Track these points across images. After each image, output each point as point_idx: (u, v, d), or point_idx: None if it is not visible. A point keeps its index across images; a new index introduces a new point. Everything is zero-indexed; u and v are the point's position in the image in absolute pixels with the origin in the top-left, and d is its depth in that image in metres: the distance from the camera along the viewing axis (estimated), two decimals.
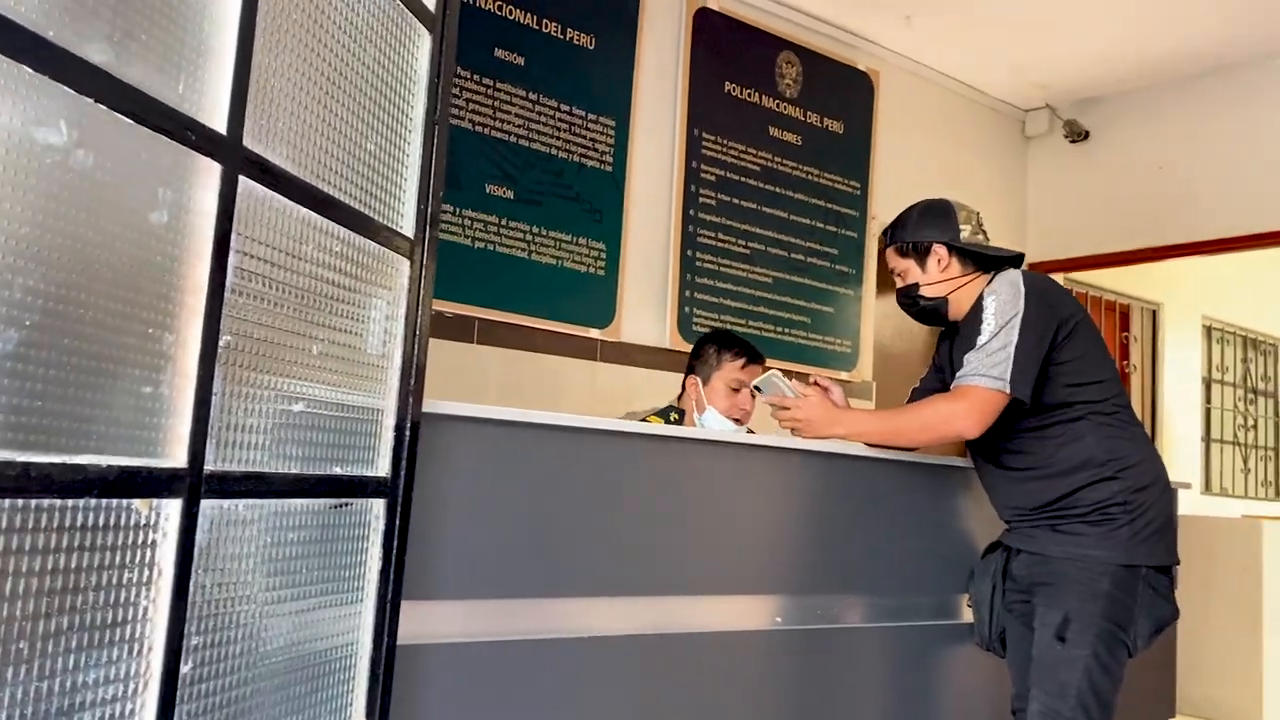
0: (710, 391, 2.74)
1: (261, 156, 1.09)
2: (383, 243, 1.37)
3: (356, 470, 1.35)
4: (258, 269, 1.10)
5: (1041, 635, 2.01)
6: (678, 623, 1.94)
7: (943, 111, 5.00)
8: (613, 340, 3.71)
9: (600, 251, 3.69)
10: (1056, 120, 5.21)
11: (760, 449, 2.09)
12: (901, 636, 2.25)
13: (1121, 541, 1.99)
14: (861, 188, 4.57)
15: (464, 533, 1.67)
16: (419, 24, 1.44)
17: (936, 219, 2.23)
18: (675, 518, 1.94)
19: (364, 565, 1.39)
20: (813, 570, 2.14)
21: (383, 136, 1.38)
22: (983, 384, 2.01)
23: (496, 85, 3.48)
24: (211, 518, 1.05)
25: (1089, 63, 4.75)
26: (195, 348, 1.00)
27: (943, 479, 2.37)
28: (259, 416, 1.13)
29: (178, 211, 0.98)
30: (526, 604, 1.76)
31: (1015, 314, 2.02)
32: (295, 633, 1.25)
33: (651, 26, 3.90)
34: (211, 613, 1.07)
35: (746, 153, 4.16)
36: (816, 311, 4.36)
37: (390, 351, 1.42)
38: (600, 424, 1.83)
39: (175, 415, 0.98)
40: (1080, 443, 2.05)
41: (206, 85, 1.01)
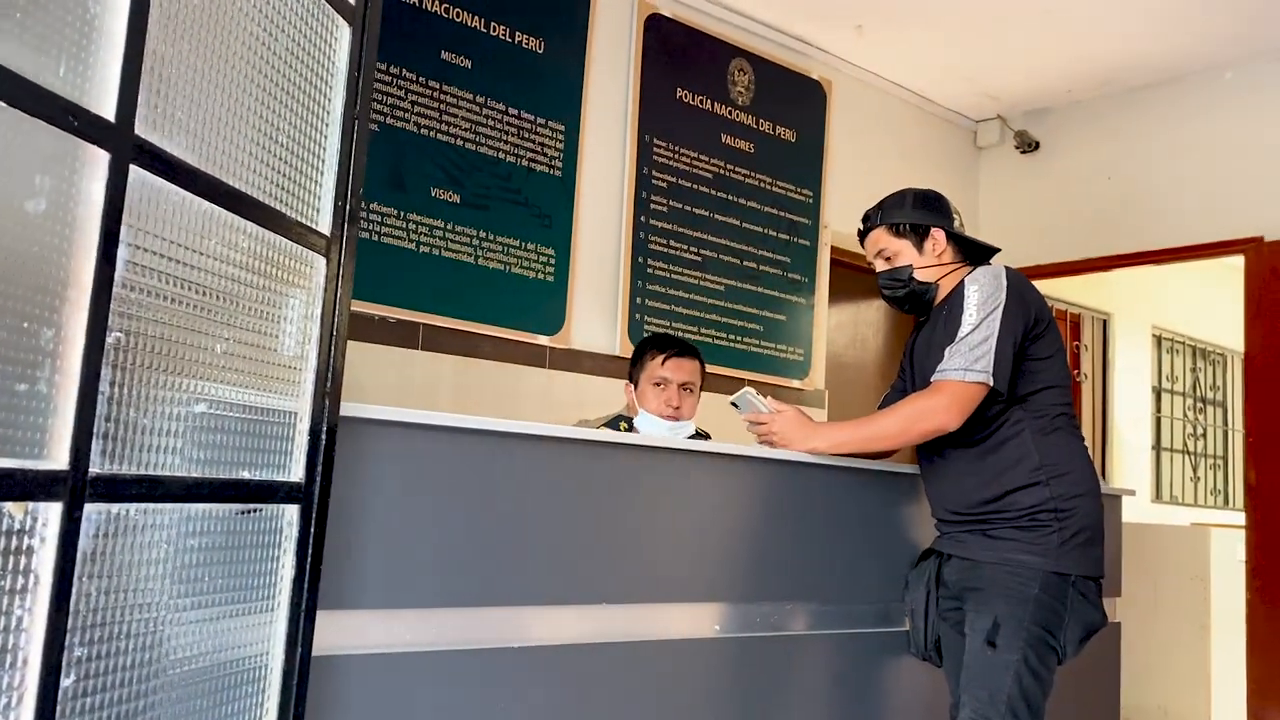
0: (641, 394, 2.73)
1: (156, 146, 1.04)
2: (296, 239, 1.32)
3: (267, 475, 1.30)
4: (153, 263, 1.06)
5: (972, 641, 2.00)
6: (613, 632, 1.90)
7: (895, 121, 5.02)
8: (562, 347, 3.67)
9: (549, 257, 3.65)
10: (1007, 131, 5.26)
11: (699, 455, 2.07)
12: (844, 644, 2.23)
13: (1051, 548, 1.99)
14: (814, 196, 4.57)
15: (388, 541, 1.62)
16: (338, 16, 1.40)
17: (934, 204, 2.26)
18: (611, 524, 1.90)
19: (276, 573, 1.34)
20: (754, 577, 2.12)
21: (298, 130, 1.33)
22: (962, 377, 2.01)
23: (443, 88, 3.44)
24: (98, 523, 0.99)
25: (1039, 74, 4.80)
26: (79, 344, 0.95)
27: (887, 485, 2.36)
28: (155, 417, 1.08)
29: (60, 200, 0.93)
30: (455, 613, 1.71)
31: (998, 305, 2.04)
32: (198, 644, 1.20)
33: (602, 31, 3.87)
34: (99, 622, 1.01)
35: (699, 160, 4.15)
36: (769, 319, 4.35)
37: (306, 352, 1.38)
38: (528, 428, 1.79)
39: (55, 415, 0.93)
40: (1020, 445, 2.06)
41: (94, 69, 0.96)
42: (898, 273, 2.24)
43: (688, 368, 2.73)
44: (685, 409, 2.70)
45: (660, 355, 2.71)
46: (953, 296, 2.14)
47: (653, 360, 2.72)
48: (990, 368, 2.00)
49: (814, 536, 2.22)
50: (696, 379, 2.75)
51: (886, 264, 2.26)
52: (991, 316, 2.02)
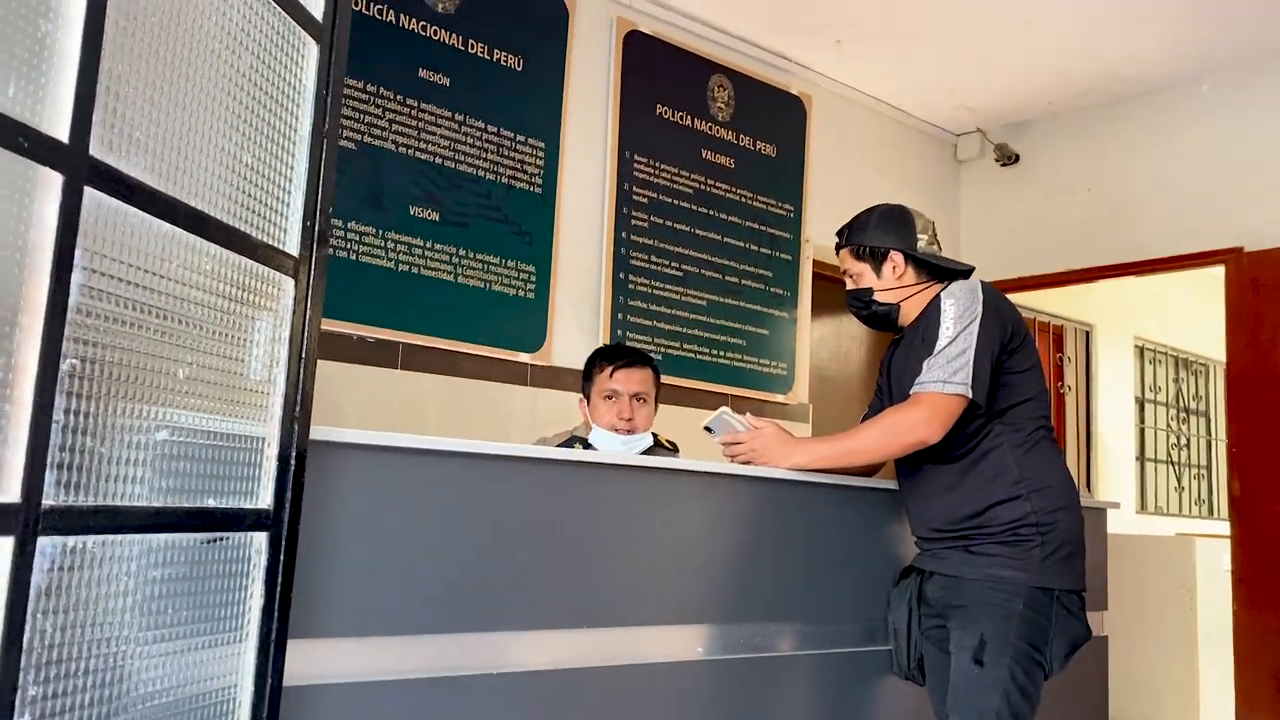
0: (593, 410, 2.65)
1: (112, 167, 1.01)
2: (262, 261, 1.30)
3: (234, 502, 1.27)
4: (110, 288, 1.03)
5: (958, 659, 1.98)
6: (594, 656, 1.87)
7: (875, 135, 5.03)
8: (544, 364, 3.64)
9: (530, 274, 3.63)
10: (987, 144, 5.27)
11: (680, 474, 2.04)
12: (828, 664, 2.20)
13: (1034, 563, 1.97)
14: (795, 211, 4.57)
15: (361, 566, 1.59)
16: (304, 34, 1.38)
17: (895, 225, 2.22)
18: (590, 546, 1.87)
19: (244, 603, 1.30)
20: (737, 598, 2.09)
21: (263, 150, 1.31)
22: (941, 389, 2.00)
23: (421, 106, 3.42)
24: (52, 556, 0.96)
25: (1018, 87, 4.81)
26: (31, 372, 0.92)
27: (868, 501, 2.34)
28: (114, 446, 1.05)
29: (10, 224, 0.90)
30: (431, 640, 1.68)
31: (974, 318, 2.03)
32: (163, 678, 1.16)
33: (581, 49, 3.86)
34: (56, 659, 0.98)
35: (679, 175, 4.14)
36: (751, 334, 4.34)
37: (274, 376, 1.35)
38: (505, 449, 1.76)
39: (5, 445, 0.90)
40: (999, 459, 2.05)
41: (45, 89, 0.93)
42: (860, 294, 2.25)
43: (638, 377, 2.63)
44: (639, 420, 2.61)
45: (609, 367, 2.62)
46: (928, 312, 2.13)
47: (601, 373, 2.63)
48: (969, 380, 1.99)
49: (796, 555, 2.19)
50: (649, 388, 2.65)
51: (852, 283, 2.26)
52: (968, 330, 2.01)
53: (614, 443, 2.55)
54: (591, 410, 2.66)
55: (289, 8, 1.33)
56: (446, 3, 3.50)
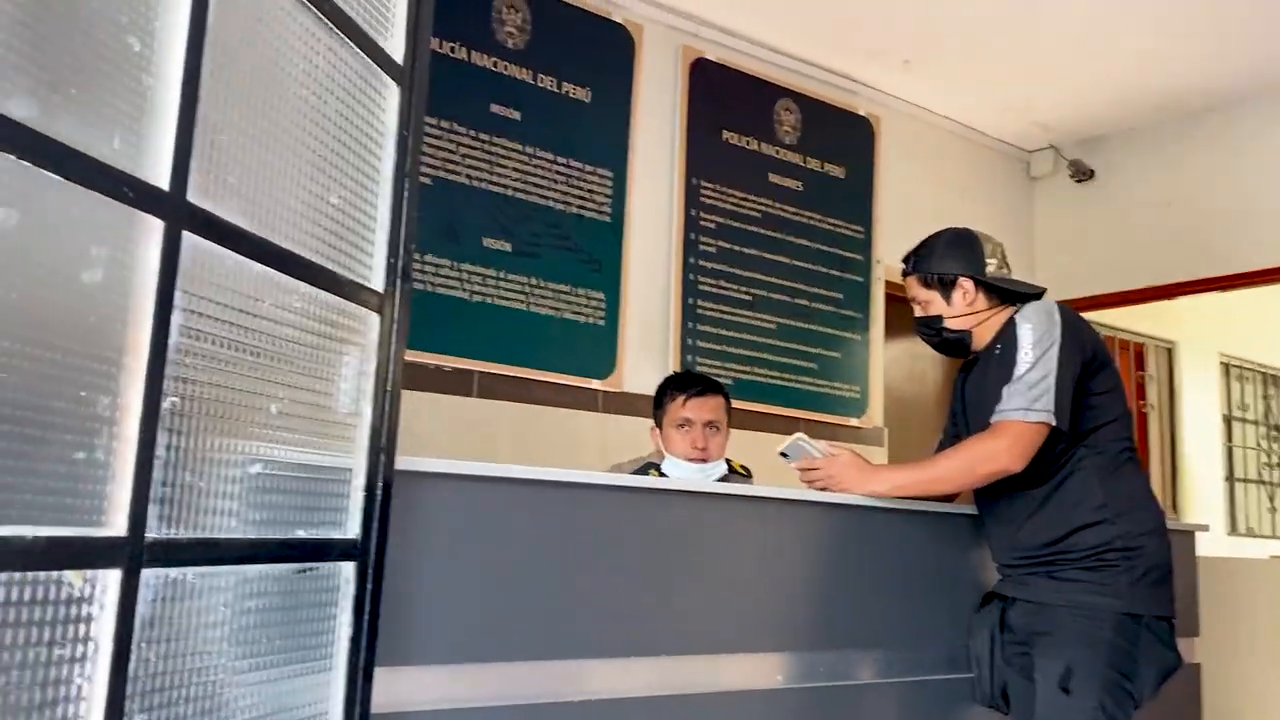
0: (666, 438, 2.64)
1: (209, 212, 1.06)
2: (349, 298, 1.33)
3: (323, 533, 1.30)
4: (208, 328, 1.07)
5: (1044, 688, 1.94)
6: (674, 684, 1.87)
7: (946, 154, 4.98)
8: (615, 390, 3.67)
9: (600, 301, 3.66)
10: (1061, 160, 5.19)
11: (758, 500, 2.03)
12: (909, 692, 2.17)
13: (1122, 589, 1.92)
14: (865, 232, 4.54)
15: (446, 595, 1.62)
16: (386, 77, 1.42)
17: (963, 250, 2.19)
18: (668, 574, 1.88)
19: (333, 632, 1.34)
20: (816, 626, 2.07)
21: (348, 190, 1.35)
22: (1023, 417, 1.96)
23: (493, 140, 3.49)
24: (156, 588, 1.00)
25: (1092, 102, 4.73)
26: (136, 410, 0.96)
27: (948, 526, 2.30)
28: (211, 480, 1.09)
29: (115, 270, 0.94)
30: (514, 667, 1.69)
31: (1053, 342, 1.98)
32: (257, 705, 1.20)
33: (648, 79, 3.90)
34: (158, 687, 1.01)
35: (746, 199, 4.15)
36: (823, 357, 4.31)
37: (361, 409, 1.38)
38: (586, 477, 1.78)
39: (113, 481, 0.94)
40: (1083, 483, 2.00)
41: (147, 140, 0.98)
42: (930, 322, 2.21)
43: (710, 405, 2.62)
44: (713, 449, 2.60)
45: (681, 396, 2.62)
46: (1004, 336, 2.09)
47: (673, 401, 2.63)
48: (1051, 406, 1.95)
49: (876, 582, 2.17)
50: (722, 416, 2.65)
51: (921, 310, 2.23)
52: (1048, 354, 1.97)
53: (688, 471, 2.55)
54: (664, 439, 2.66)
55: (371, 52, 1.37)
56: (516, 38, 3.57)
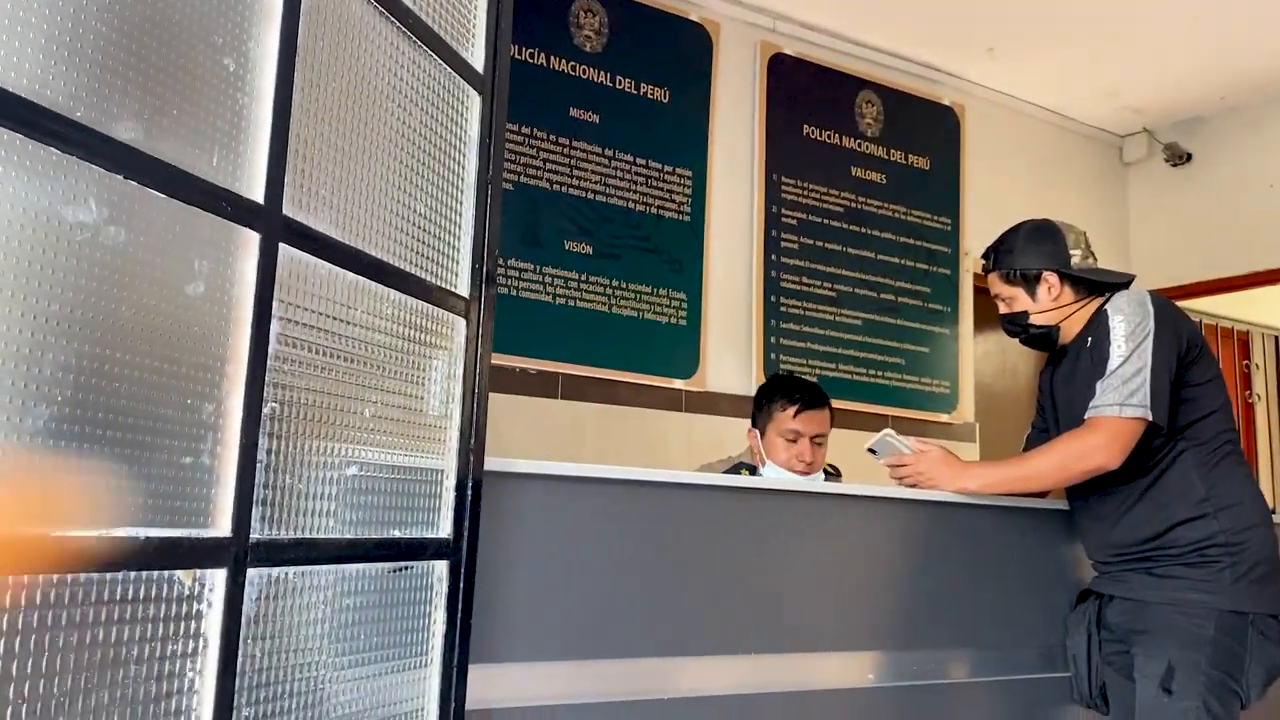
0: (768, 445, 2.58)
1: (302, 224, 1.09)
2: (437, 303, 1.37)
3: (417, 532, 1.34)
4: (304, 335, 1.11)
5: (1144, 687, 1.88)
6: (764, 682, 1.87)
7: (1034, 142, 4.87)
8: (698, 390, 3.67)
9: (681, 301, 3.67)
10: (1156, 144, 5.02)
11: (847, 499, 2.02)
12: (1004, 691, 2.13)
13: (1225, 585, 1.86)
14: (952, 223, 4.46)
15: (535, 593, 1.64)
16: (467, 86, 1.45)
17: (1045, 243, 2.13)
18: (759, 572, 1.88)
19: (428, 629, 1.37)
20: (907, 624, 2.05)
21: (434, 198, 1.38)
22: (1118, 413, 1.91)
23: (573, 144, 3.52)
24: (260, 586, 1.04)
25: (1187, 83, 4.58)
26: (238, 416, 1.00)
27: (1041, 523, 2.25)
28: (310, 482, 1.13)
29: (216, 282, 0.98)
30: (605, 665, 1.71)
31: (1147, 334, 1.93)
32: (357, 700, 1.23)
33: (726, 76, 3.90)
34: (263, 682, 1.06)
35: (828, 194, 4.11)
36: (910, 352, 4.25)
37: (450, 411, 1.42)
38: (674, 477, 1.79)
39: (218, 484, 0.98)
40: (1182, 477, 1.94)
41: (243, 156, 1.02)
42: (1015, 318, 2.16)
43: (820, 419, 2.58)
44: (817, 461, 2.57)
45: (793, 407, 2.55)
46: (1094, 328, 2.03)
47: (783, 412, 2.56)
48: (1147, 401, 1.89)
49: (968, 580, 2.13)
50: (828, 428, 2.61)
51: (1005, 306, 2.18)
52: (1142, 346, 1.91)
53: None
54: (767, 445, 2.60)
55: (453, 63, 1.40)
56: (594, 41, 3.60)
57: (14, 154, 0.78)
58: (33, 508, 0.79)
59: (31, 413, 0.79)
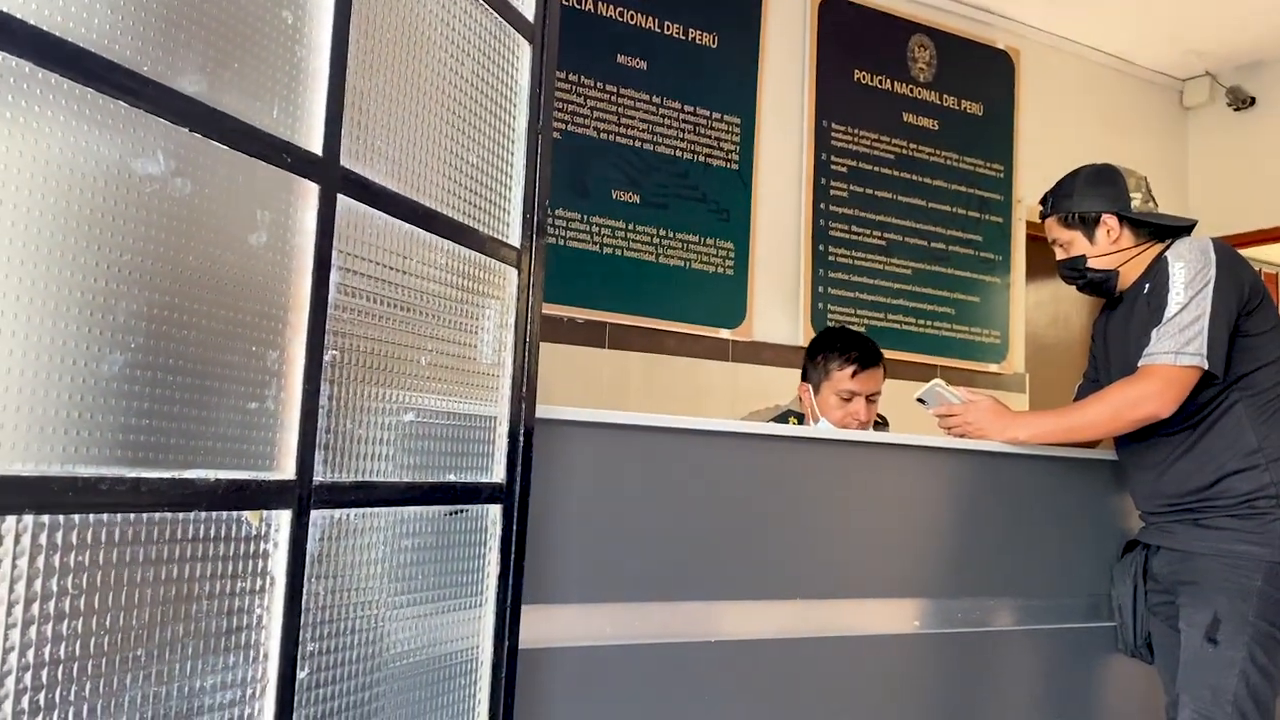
0: (821, 401, 2.57)
1: (360, 175, 1.11)
2: (489, 253, 1.39)
3: (471, 477, 1.37)
4: (361, 285, 1.13)
5: (1190, 637, 1.88)
6: (811, 627, 1.90)
7: (1090, 86, 4.75)
8: (745, 340, 3.67)
9: (728, 251, 3.66)
10: (1218, 88, 4.88)
11: (894, 448, 2.03)
12: (1048, 640, 2.14)
13: (1274, 537, 1.85)
14: (1005, 170, 4.39)
15: (585, 537, 1.68)
16: (518, 35, 1.46)
17: (1104, 186, 2.10)
18: (806, 519, 1.90)
19: (482, 570, 1.41)
20: (953, 572, 2.06)
21: (485, 149, 1.40)
22: (1174, 360, 1.89)
23: (620, 92, 3.50)
24: (323, 527, 1.08)
25: (1252, 24, 4.43)
26: (300, 363, 1.03)
27: (1089, 473, 2.24)
28: (368, 427, 1.16)
29: (278, 232, 1.01)
30: (652, 607, 1.75)
31: (1208, 282, 1.90)
32: (415, 638, 1.28)
33: (775, 20, 3.84)
34: (327, 619, 1.10)
35: (879, 141, 4.06)
36: (961, 302, 4.21)
37: (502, 359, 1.44)
38: (720, 425, 1.80)
39: (282, 429, 1.02)
40: (1234, 427, 1.92)
41: (301, 108, 1.04)
42: (1074, 262, 2.13)
43: (875, 378, 2.56)
44: (870, 419, 2.57)
45: (850, 367, 2.53)
46: (1154, 274, 2.01)
47: (840, 371, 2.54)
48: (1204, 349, 1.87)
49: (1014, 529, 2.14)
50: (881, 385, 2.60)
51: (1063, 251, 2.15)
52: (1201, 294, 1.89)
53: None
54: (820, 401, 2.58)
55: (504, 11, 1.41)
56: None
57: (85, 108, 0.81)
58: (111, 450, 0.83)
59: (108, 359, 0.82)
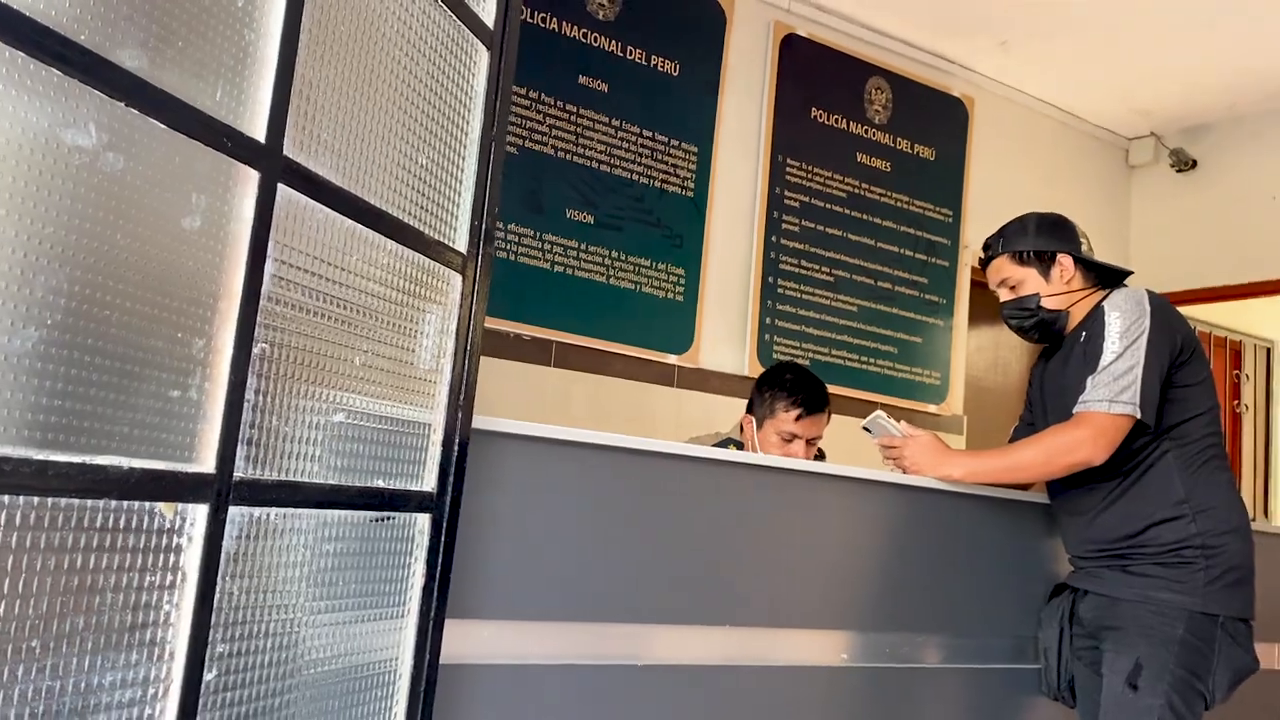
0: (762, 436, 2.57)
1: (303, 166, 1.09)
2: (434, 257, 1.36)
3: (401, 484, 1.34)
4: (297, 278, 1.11)
5: (1111, 682, 1.90)
6: (740, 655, 1.88)
7: (1041, 139, 4.86)
8: (691, 366, 3.67)
9: (680, 277, 3.67)
10: (1162, 149, 5.02)
11: (831, 479, 2.03)
12: (974, 679, 2.15)
13: (1198, 587, 1.88)
14: (954, 216, 4.46)
15: (515, 552, 1.65)
16: (477, 41, 1.44)
17: (1058, 230, 2.16)
18: (738, 546, 1.89)
19: (407, 580, 1.38)
20: (884, 607, 2.06)
21: (436, 152, 1.38)
22: (1107, 409, 1.92)
23: (580, 112, 3.50)
24: (241, 525, 1.04)
25: (1197, 88, 4.57)
26: (228, 354, 1.00)
27: (1021, 515, 2.26)
28: (296, 425, 1.13)
29: (213, 218, 0.98)
30: (581, 628, 1.72)
31: (1142, 333, 1.94)
32: (332, 645, 1.24)
33: (737, 53, 3.88)
34: (240, 620, 1.06)
35: (832, 179, 4.10)
36: (904, 341, 4.26)
37: (441, 366, 1.42)
38: (659, 446, 1.79)
39: (204, 420, 0.98)
40: (1164, 477, 1.95)
41: (246, 93, 1.01)
42: (1024, 302, 2.15)
43: (819, 423, 2.56)
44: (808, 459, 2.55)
45: (795, 410, 2.52)
46: (1090, 322, 2.05)
47: (786, 412, 2.53)
48: (1136, 399, 1.90)
49: (946, 567, 2.14)
50: (824, 429, 2.59)
51: (1011, 293, 2.18)
52: (1136, 344, 1.92)
53: None
54: (761, 436, 2.57)
55: (463, 16, 1.39)
56: (607, 10, 3.57)
57: (15, 73, 0.78)
58: (18, 430, 0.79)
59: (20, 334, 0.79)
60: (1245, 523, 1.97)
